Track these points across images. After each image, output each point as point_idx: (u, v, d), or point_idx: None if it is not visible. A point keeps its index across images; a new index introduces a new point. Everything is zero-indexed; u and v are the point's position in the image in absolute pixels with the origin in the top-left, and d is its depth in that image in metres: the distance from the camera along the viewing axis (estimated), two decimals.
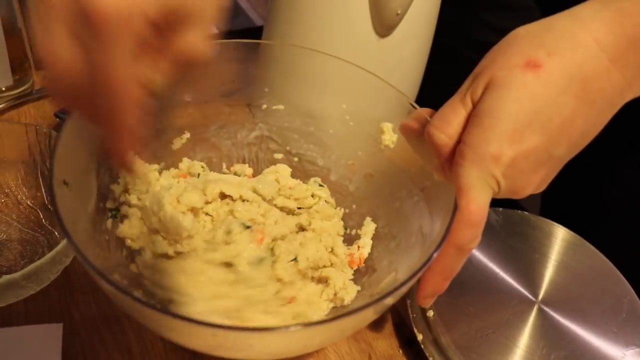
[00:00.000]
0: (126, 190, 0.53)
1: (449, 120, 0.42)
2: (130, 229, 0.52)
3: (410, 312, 0.57)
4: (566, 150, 0.43)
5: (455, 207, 0.42)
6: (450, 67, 0.45)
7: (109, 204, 0.51)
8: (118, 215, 0.52)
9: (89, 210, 0.48)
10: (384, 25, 0.60)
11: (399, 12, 0.59)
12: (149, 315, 0.39)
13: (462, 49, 0.45)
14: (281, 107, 0.58)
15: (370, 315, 0.44)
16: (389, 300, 0.40)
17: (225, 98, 0.56)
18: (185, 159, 0.58)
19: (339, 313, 0.49)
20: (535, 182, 0.43)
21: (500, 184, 0.41)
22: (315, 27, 0.62)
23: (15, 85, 0.73)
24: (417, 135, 0.47)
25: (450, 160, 0.43)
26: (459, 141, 0.42)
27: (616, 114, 0.73)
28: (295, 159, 0.60)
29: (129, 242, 0.51)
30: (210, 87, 0.55)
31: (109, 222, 0.51)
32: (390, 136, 0.54)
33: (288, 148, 0.59)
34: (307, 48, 0.56)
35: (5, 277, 0.50)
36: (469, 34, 0.46)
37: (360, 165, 0.57)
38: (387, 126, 0.54)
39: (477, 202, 0.41)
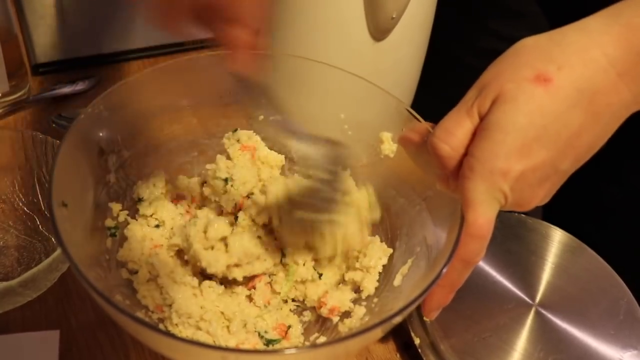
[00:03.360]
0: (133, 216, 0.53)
1: (454, 132, 0.42)
2: (131, 252, 0.51)
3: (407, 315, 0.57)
4: (572, 163, 0.42)
5: (462, 221, 0.42)
6: (455, 75, 0.44)
7: (108, 223, 0.51)
8: (117, 233, 0.52)
9: (88, 229, 0.48)
10: (379, 29, 0.60)
11: (394, 16, 0.59)
12: (152, 337, 0.39)
13: (467, 57, 0.45)
14: (279, 117, 0.57)
15: (377, 334, 0.44)
16: (397, 319, 0.40)
17: (223, 109, 0.56)
18: (181, 176, 0.57)
19: (345, 335, 0.49)
20: (540, 195, 0.43)
21: (507, 197, 0.41)
22: (311, 30, 0.62)
23: (11, 91, 0.73)
24: (417, 148, 0.47)
25: (455, 172, 0.43)
26: (464, 153, 0.42)
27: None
28: (295, 168, 0.60)
29: (130, 264, 0.51)
30: (208, 99, 0.55)
31: (109, 241, 0.51)
32: (389, 146, 0.54)
33: (287, 160, 0.59)
34: (304, 58, 0.55)
35: (2, 284, 0.50)
36: (475, 42, 0.46)
37: (360, 175, 0.57)
38: (387, 136, 0.54)
39: (485, 217, 0.41)
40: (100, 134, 0.50)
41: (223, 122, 0.57)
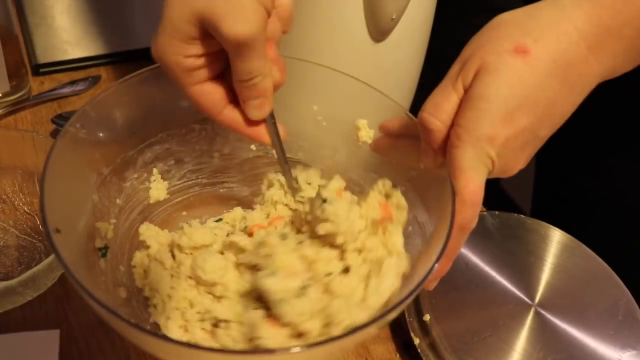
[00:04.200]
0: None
1: (442, 106, 0.44)
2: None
3: (407, 315, 0.57)
4: (548, 130, 0.45)
5: (453, 193, 0.43)
6: (442, 71, 0.47)
7: (98, 243, 0.51)
8: (107, 253, 0.51)
9: (82, 253, 0.48)
10: (379, 30, 0.60)
11: (394, 17, 0.59)
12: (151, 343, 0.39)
13: (454, 54, 0.46)
14: None
15: (372, 331, 0.43)
16: (392, 315, 0.40)
17: (195, 115, 0.55)
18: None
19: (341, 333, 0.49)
20: (522, 161, 0.46)
21: (494, 163, 0.43)
22: (311, 31, 0.62)
23: (12, 91, 0.73)
24: (392, 142, 0.50)
25: (444, 144, 0.45)
26: (452, 125, 0.44)
27: (609, 115, 0.74)
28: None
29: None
30: (177, 106, 0.54)
31: (102, 262, 0.51)
32: (366, 132, 0.54)
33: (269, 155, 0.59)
34: (289, 57, 0.56)
35: (2, 284, 0.50)
36: (461, 38, 0.47)
37: (340, 164, 0.57)
38: (362, 123, 0.54)
39: (475, 182, 0.43)
40: (80, 154, 0.50)
41: (197, 127, 0.57)
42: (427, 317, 0.56)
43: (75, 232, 0.48)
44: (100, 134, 0.51)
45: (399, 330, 0.58)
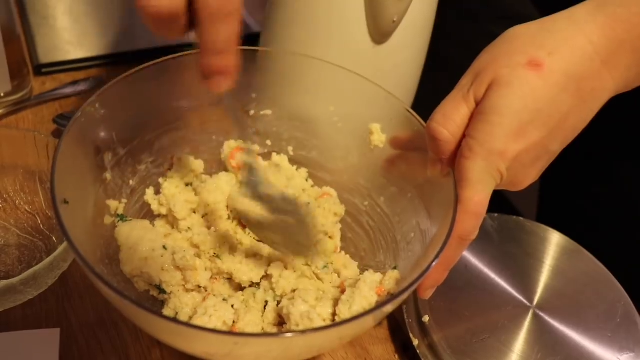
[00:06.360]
0: None
1: (452, 117, 0.44)
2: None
3: (406, 317, 0.57)
4: (560, 144, 0.45)
5: (457, 203, 0.44)
6: (453, 77, 0.47)
7: (106, 220, 0.51)
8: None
9: (89, 227, 0.48)
10: (380, 32, 0.60)
11: (395, 20, 0.59)
12: (154, 322, 0.40)
13: (465, 60, 0.47)
14: (269, 112, 0.58)
15: (369, 322, 0.44)
16: (388, 308, 0.41)
17: (214, 106, 0.56)
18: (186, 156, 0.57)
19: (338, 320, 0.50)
20: (532, 175, 0.46)
21: (503, 176, 0.44)
22: (312, 33, 0.62)
23: (13, 91, 0.74)
24: (401, 157, 0.51)
25: (452, 155, 0.45)
26: (462, 136, 0.44)
27: (612, 119, 0.74)
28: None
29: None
30: (199, 96, 0.55)
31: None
32: (379, 136, 0.55)
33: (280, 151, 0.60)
34: (296, 53, 0.56)
35: (3, 282, 0.50)
36: (473, 44, 0.47)
37: (351, 166, 0.58)
38: (376, 127, 0.55)
39: (482, 194, 0.43)
40: (97, 132, 0.50)
41: (214, 118, 0.57)
42: (426, 319, 0.56)
43: (84, 205, 0.48)
44: (119, 115, 0.51)
45: (398, 332, 0.59)
